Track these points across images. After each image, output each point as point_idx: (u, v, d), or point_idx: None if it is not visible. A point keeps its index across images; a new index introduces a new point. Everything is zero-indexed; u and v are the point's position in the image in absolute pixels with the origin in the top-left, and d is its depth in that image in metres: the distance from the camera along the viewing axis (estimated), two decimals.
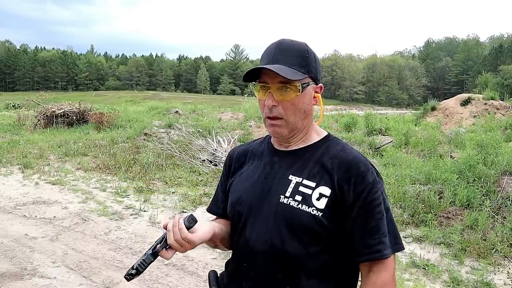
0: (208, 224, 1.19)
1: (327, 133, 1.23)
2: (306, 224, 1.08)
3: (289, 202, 1.10)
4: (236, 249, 1.22)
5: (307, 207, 1.08)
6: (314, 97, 1.17)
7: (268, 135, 1.29)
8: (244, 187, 1.21)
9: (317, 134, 1.22)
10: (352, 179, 1.08)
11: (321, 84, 1.20)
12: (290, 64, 1.10)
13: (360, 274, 1.15)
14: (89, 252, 4.17)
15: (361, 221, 1.08)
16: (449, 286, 3.53)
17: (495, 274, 3.73)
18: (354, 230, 1.09)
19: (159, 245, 1.11)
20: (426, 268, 3.80)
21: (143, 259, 1.10)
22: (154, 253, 1.11)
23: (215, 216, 1.34)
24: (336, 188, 1.09)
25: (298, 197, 1.10)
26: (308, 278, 1.10)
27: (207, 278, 1.27)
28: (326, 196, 1.09)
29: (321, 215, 1.07)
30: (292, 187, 1.12)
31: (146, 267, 1.10)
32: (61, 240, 4.48)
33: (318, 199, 1.09)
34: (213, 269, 1.29)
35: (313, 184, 1.11)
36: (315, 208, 1.08)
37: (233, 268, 1.22)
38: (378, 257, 1.08)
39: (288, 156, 1.19)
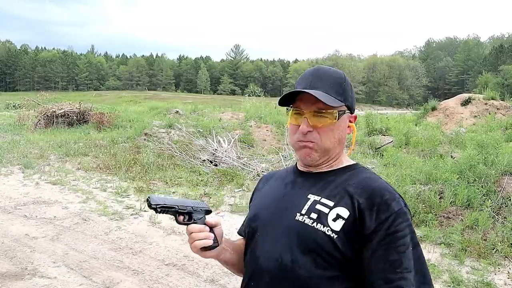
0: (218, 249, 1.16)
1: (355, 163, 1.19)
2: (319, 243, 1.00)
3: (304, 220, 1.04)
4: (246, 267, 1.17)
5: (322, 226, 1.01)
6: (348, 126, 1.16)
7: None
8: (262, 204, 1.20)
9: (344, 162, 1.18)
10: (375, 207, 1.00)
11: (355, 114, 1.19)
12: (328, 91, 1.08)
13: None
14: (90, 252, 4.17)
15: (381, 253, 0.98)
16: (449, 286, 3.53)
17: (495, 274, 3.73)
18: (373, 262, 0.99)
19: (185, 220, 1.11)
20: None
21: (169, 206, 1.07)
22: (176, 219, 1.10)
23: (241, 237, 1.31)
24: (357, 213, 1.01)
25: (314, 215, 1.04)
26: None
27: None
28: (343, 218, 1.01)
29: (336, 237, 1.00)
30: (309, 204, 1.07)
31: (165, 212, 1.07)
32: (62, 240, 4.48)
33: (334, 219, 1.01)
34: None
35: (331, 204, 1.04)
36: (330, 229, 1.00)
37: (243, 286, 1.17)
38: None
39: (311, 177, 1.15)
